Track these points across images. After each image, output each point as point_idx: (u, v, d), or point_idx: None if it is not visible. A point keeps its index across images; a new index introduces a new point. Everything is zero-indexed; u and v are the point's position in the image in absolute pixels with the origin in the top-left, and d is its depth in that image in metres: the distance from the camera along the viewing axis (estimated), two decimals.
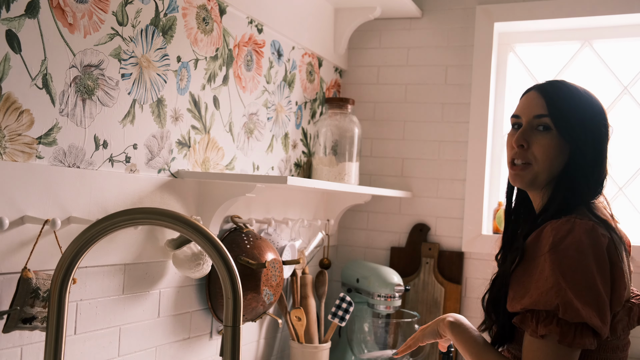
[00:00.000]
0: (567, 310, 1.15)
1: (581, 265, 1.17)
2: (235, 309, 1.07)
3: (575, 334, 1.16)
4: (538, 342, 1.19)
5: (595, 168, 1.33)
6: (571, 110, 1.32)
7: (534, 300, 1.18)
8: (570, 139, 1.31)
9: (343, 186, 2.10)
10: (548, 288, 1.17)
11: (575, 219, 1.21)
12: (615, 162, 2.37)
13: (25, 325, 1.24)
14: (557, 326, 1.16)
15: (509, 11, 2.41)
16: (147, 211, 1.13)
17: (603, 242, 1.20)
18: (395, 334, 2.30)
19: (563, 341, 1.16)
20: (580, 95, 1.35)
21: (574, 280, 1.16)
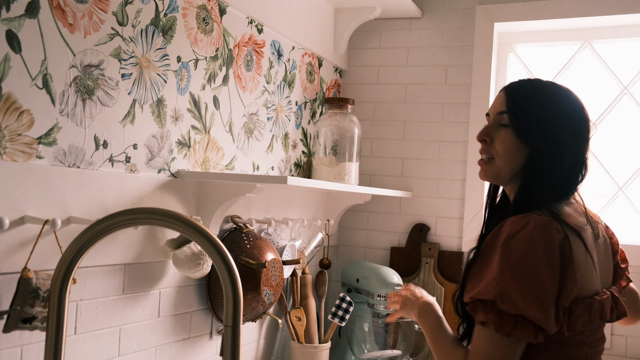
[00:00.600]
0: (504, 301, 1.17)
1: (528, 258, 1.18)
2: (235, 309, 1.07)
3: (515, 325, 1.17)
4: (481, 329, 1.22)
5: (555, 168, 1.30)
6: (528, 109, 1.32)
7: (479, 290, 1.21)
8: (524, 137, 1.31)
9: (343, 186, 2.10)
10: (491, 279, 1.19)
11: (532, 215, 1.22)
12: (615, 162, 2.39)
13: (25, 325, 1.24)
14: (497, 315, 1.18)
15: (509, 11, 2.41)
16: (147, 211, 1.13)
17: (556, 238, 1.20)
18: (395, 334, 2.30)
19: (500, 330, 1.18)
20: (545, 95, 1.33)
21: (518, 272, 1.17)
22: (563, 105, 1.33)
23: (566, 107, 1.34)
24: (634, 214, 2.35)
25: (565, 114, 1.33)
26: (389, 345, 2.28)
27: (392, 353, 2.24)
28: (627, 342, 2.21)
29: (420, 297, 1.53)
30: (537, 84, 1.36)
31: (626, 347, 2.21)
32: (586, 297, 1.25)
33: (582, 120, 1.34)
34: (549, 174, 1.30)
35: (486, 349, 1.21)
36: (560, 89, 1.36)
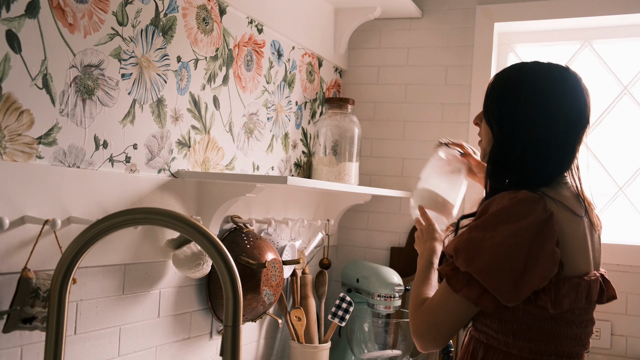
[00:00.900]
0: (458, 256, 1.22)
1: (498, 225, 1.20)
2: (235, 309, 1.07)
3: (466, 283, 1.21)
4: (443, 282, 1.28)
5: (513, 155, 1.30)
6: (490, 94, 1.35)
7: (448, 245, 1.28)
8: (488, 122, 1.36)
9: (343, 186, 2.10)
10: (458, 236, 1.25)
11: (525, 191, 1.23)
12: (615, 162, 2.39)
13: (25, 325, 1.24)
14: (452, 270, 1.23)
15: (509, 11, 2.41)
16: (147, 211, 1.13)
17: (539, 216, 1.19)
18: (395, 334, 2.30)
19: (452, 284, 1.23)
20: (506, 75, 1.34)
21: (484, 235, 1.20)
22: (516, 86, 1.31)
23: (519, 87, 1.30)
24: (634, 214, 2.35)
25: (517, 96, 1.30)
26: (389, 345, 2.28)
27: (392, 353, 2.24)
28: (627, 342, 2.21)
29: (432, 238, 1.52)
30: (518, 73, 1.33)
31: (626, 347, 2.21)
32: (574, 277, 1.25)
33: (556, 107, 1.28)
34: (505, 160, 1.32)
35: (439, 298, 1.27)
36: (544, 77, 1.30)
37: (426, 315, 1.27)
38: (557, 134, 1.28)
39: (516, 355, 1.25)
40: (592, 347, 2.23)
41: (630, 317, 2.21)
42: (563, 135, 1.29)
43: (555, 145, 1.28)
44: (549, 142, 1.28)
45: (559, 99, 1.28)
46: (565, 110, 1.28)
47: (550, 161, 1.29)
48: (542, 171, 1.29)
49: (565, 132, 1.29)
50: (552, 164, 1.30)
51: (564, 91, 1.29)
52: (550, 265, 1.19)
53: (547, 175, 1.30)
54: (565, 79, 1.30)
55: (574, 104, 1.30)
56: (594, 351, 2.24)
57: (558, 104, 1.28)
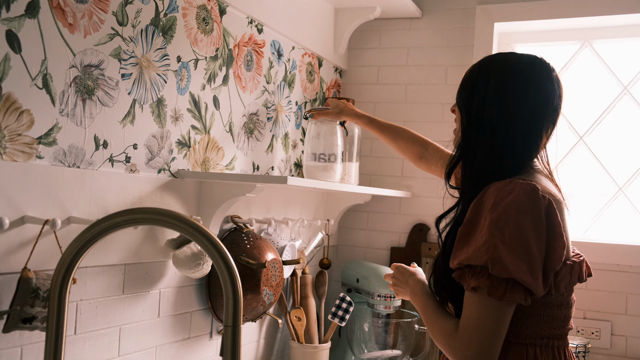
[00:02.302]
0: (495, 266, 1.18)
1: (517, 223, 1.20)
2: (235, 309, 1.07)
3: (505, 288, 1.19)
4: (472, 295, 1.23)
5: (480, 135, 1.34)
6: (463, 81, 1.40)
7: (467, 255, 1.23)
8: (459, 108, 1.40)
9: (343, 186, 2.10)
10: (481, 244, 1.21)
11: (518, 180, 1.24)
12: (615, 162, 2.39)
13: (25, 325, 1.24)
14: (488, 279, 1.20)
15: (509, 11, 2.41)
16: (147, 211, 1.13)
17: (542, 203, 1.22)
18: (395, 334, 2.30)
19: (492, 294, 1.20)
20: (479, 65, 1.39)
21: (507, 237, 1.19)
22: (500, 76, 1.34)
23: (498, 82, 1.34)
24: (634, 214, 2.35)
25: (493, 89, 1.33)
26: (389, 345, 2.28)
27: (392, 353, 2.24)
28: (627, 342, 2.21)
29: (410, 276, 1.53)
30: (490, 62, 1.38)
31: (626, 347, 2.21)
32: (567, 260, 1.29)
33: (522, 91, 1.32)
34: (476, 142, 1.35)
35: (477, 314, 1.22)
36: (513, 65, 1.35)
37: (471, 335, 1.22)
38: (524, 117, 1.32)
39: (512, 342, 1.27)
40: (592, 347, 2.23)
41: (630, 317, 2.21)
42: (529, 119, 1.32)
43: (522, 128, 1.33)
44: (516, 124, 1.32)
45: (526, 83, 1.33)
46: (531, 95, 1.33)
47: (518, 143, 1.33)
48: (511, 152, 1.33)
49: (531, 115, 1.32)
50: (520, 146, 1.33)
51: (531, 77, 1.34)
52: (561, 250, 1.23)
53: (517, 158, 1.33)
54: (535, 66, 1.35)
55: (540, 89, 1.33)
56: (594, 351, 2.24)
57: (525, 87, 1.33)
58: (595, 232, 2.39)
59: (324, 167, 2.07)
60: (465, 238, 1.26)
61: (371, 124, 2.02)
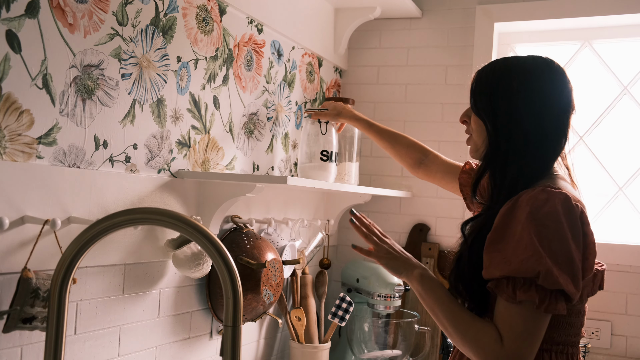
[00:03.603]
0: (546, 278, 1.18)
1: (558, 234, 1.20)
2: (235, 309, 1.07)
3: (550, 300, 1.20)
4: (515, 307, 1.22)
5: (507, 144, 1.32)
6: (482, 85, 1.37)
7: (514, 267, 1.21)
8: (477, 113, 1.38)
9: (343, 186, 2.10)
10: (528, 256, 1.20)
11: (550, 189, 1.24)
12: (615, 162, 2.39)
13: (25, 325, 1.24)
14: (537, 293, 1.20)
15: (509, 11, 2.41)
16: (147, 211, 1.13)
17: (576, 212, 1.23)
18: (395, 334, 2.30)
19: (541, 307, 1.20)
20: (497, 67, 1.36)
21: (552, 248, 1.19)
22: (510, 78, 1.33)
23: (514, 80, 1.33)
24: (634, 214, 2.35)
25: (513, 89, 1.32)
26: (389, 345, 2.28)
27: (392, 353, 2.24)
28: (627, 342, 2.21)
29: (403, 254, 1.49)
30: (505, 66, 1.36)
31: (626, 347, 2.21)
32: None
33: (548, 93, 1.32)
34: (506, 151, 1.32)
35: (523, 326, 1.21)
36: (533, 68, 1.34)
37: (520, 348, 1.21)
38: (552, 118, 1.31)
39: None
40: (592, 347, 2.23)
41: (630, 317, 2.21)
42: (556, 119, 1.32)
43: (551, 129, 1.32)
44: (545, 126, 1.31)
45: (549, 83, 1.32)
46: (556, 95, 1.32)
47: (548, 145, 1.32)
48: (543, 155, 1.32)
49: (557, 115, 1.32)
50: (550, 147, 1.33)
51: (553, 77, 1.33)
52: (593, 259, 1.26)
53: (547, 160, 1.33)
54: (551, 66, 1.35)
55: (563, 89, 1.33)
56: (594, 351, 2.24)
57: (549, 88, 1.32)
58: (595, 232, 2.38)
59: (319, 166, 2.06)
60: (496, 245, 1.25)
61: (370, 128, 1.99)
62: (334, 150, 2.08)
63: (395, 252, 1.50)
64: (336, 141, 2.11)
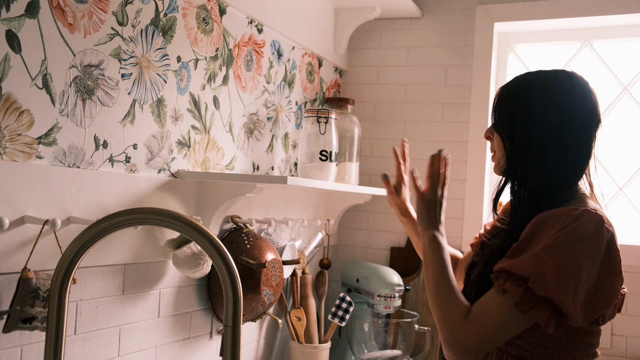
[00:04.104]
0: (537, 281, 1.18)
1: (574, 249, 1.19)
2: (235, 309, 1.07)
3: (534, 305, 1.19)
4: (497, 296, 1.23)
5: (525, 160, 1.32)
6: (502, 102, 1.37)
7: (512, 263, 1.22)
8: (499, 133, 1.37)
9: (343, 186, 2.10)
10: (529, 257, 1.20)
11: (586, 209, 1.23)
12: (615, 162, 2.39)
13: (25, 325, 1.24)
14: (523, 292, 1.19)
15: (509, 11, 2.41)
16: (147, 211, 1.13)
17: (605, 237, 1.22)
18: (395, 334, 2.30)
19: (520, 305, 1.20)
20: (518, 84, 1.35)
21: (560, 259, 1.18)
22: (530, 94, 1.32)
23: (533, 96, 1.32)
24: (634, 214, 2.35)
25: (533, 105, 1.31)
26: (389, 345, 2.28)
27: (392, 353, 2.24)
28: (627, 342, 2.21)
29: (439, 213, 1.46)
30: (525, 81, 1.36)
31: (626, 347, 2.21)
32: None
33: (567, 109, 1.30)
34: (524, 167, 1.32)
35: (493, 314, 1.22)
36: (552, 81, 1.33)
37: (477, 331, 1.23)
38: (573, 131, 1.30)
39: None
40: None
41: (630, 317, 2.21)
42: (577, 132, 1.31)
43: (572, 142, 1.31)
44: (566, 139, 1.30)
45: (570, 95, 1.31)
46: (577, 107, 1.31)
47: (570, 159, 1.31)
48: (564, 169, 1.31)
49: (579, 128, 1.31)
50: (572, 160, 1.32)
51: (573, 90, 1.32)
52: (619, 288, 1.24)
53: (570, 174, 1.32)
54: (572, 78, 1.33)
55: (585, 101, 1.32)
56: None
57: (570, 100, 1.31)
58: None
59: (319, 166, 2.06)
60: (516, 250, 1.25)
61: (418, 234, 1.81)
62: (333, 150, 2.08)
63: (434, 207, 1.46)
64: (336, 141, 2.11)
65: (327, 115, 2.07)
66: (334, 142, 2.09)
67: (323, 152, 2.06)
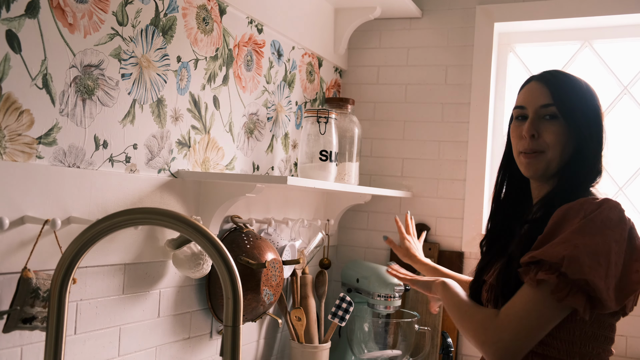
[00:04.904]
0: (571, 264, 1.17)
1: (601, 232, 1.20)
2: (235, 309, 1.07)
3: (569, 291, 1.18)
4: (530, 289, 1.22)
5: (598, 153, 1.37)
6: (574, 99, 1.36)
7: (542, 251, 1.22)
8: (575, 127, 1.35)
9: (343, 186, 2.10)
10: (559, 242, 1.20)
11: (607, 198, 1.27)
12: (615, 162, 2.38)
13: (25, 325, 1.24)
14: (557, 278, 1.19)
15: (509, 11, 2.41)
16: (147, 211, 1.13)
17: (628, 224, 1.25)
18: (395, 334, 2.30)
19: (555, 293, 1.19)
20: (579, 84, 1.40)
21: (590, 242, 1.19)
22: (592, 91, 1.40)
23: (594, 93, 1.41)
24: (634, 214, 2.35)
25: (596, 99, 1.39)
26: (389, 345, 2.28)
27: (392, 353, 2.24)
28: (627, 342, 2.21)
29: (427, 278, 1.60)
30: (566, 74, 1.42)
31: (626, 347, 2.21)
32: None
33: (600, 105, 1.41)
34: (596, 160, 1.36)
35: (525, 306, 1.22)
36: (578, 77, 1.42)
37: (511, 322, 1.22)
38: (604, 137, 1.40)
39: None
40: None
41: (630, 317, 2.21)
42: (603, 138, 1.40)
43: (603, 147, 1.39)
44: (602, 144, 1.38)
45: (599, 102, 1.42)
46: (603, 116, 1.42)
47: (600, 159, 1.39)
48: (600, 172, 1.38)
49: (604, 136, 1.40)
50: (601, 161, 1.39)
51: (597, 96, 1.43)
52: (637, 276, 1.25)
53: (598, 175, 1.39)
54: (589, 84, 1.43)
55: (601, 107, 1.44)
56: None
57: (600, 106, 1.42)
58: None
59: (319, 166, 2.06)
60: (541, 242, 1.26)
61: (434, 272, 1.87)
62: (333, 150, 2.08)
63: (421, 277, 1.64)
64: (336, 141, 2.11)
65: (327, 115, 2.07)
66: (334, 142, 2.09)
67: (323, 152, 2.06)
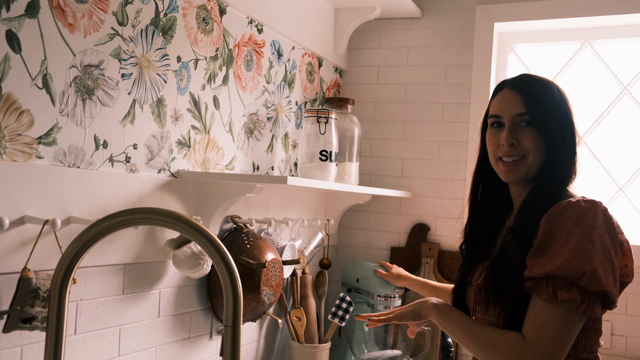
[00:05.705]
0: (591, 279, 1.20)
1: (602, 238, 1.24)
2: (235, 309, 1.07)
3: (589, 301, 1.22)
4: (552, 307, 1.23)
5: (572, 155, 1.40)
6: (547, 105, 1.40)
7: (557, 266, 1.22)
8: (547, 134, 1.38)
9: (343, 186, 2.10)
10: (574, 256, 1.22)
11: (590, 199, 1.30)
12: (615, 162, 2.39)
13: (25, 325, 1.24)
14: (579, 293, 1.21)
15: (509, 11, 2.41)
16: (147, 211, 1.13)
17: (613, 221, 1.30)
18: (395, 334, 2.29)
19: (580, 307, 1.22)
20: (550, 89, 1.42)
21: (598, 251, 1.23)
22: (562, 95, 1.43)
23: (563, 95, 1.43)
24: (634, 214, 2.35)
25: (566, 102, 1.42)
26: (389, 345, 2.28)
27: (392, 353, 2.24)
28: (627, 342, 2.21)
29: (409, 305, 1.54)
30: (539, 80, 1.43)
31: (626, 347, 2.21)
32: None
33: (570, 105, 1.43)
34: (569, 162, 1.39)
35: (554, 326, 1.22)
36: (547, 79, 1.45)
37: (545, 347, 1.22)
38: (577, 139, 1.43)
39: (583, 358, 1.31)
40: None
41: (630, 317, 2.21)
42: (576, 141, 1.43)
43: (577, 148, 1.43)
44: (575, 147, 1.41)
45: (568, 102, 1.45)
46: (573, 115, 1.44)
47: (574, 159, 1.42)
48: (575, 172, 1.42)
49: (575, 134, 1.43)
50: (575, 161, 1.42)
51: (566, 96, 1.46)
52: (632, 265, 1.33)
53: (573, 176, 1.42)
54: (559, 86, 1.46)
55: None
56: None
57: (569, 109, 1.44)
58: None
59: (319, 166, 2.06)
60: (542, 250, 1.27)
61: (424, 286, 1.94)
62: (333, 150, 2.08)
63: (403, 308, 1.55)
64: (336, 141, 2.11)
65: (327, 115, 2.07)
66: (334, 142, 2.09)
67: (323, 152, 2.06)
